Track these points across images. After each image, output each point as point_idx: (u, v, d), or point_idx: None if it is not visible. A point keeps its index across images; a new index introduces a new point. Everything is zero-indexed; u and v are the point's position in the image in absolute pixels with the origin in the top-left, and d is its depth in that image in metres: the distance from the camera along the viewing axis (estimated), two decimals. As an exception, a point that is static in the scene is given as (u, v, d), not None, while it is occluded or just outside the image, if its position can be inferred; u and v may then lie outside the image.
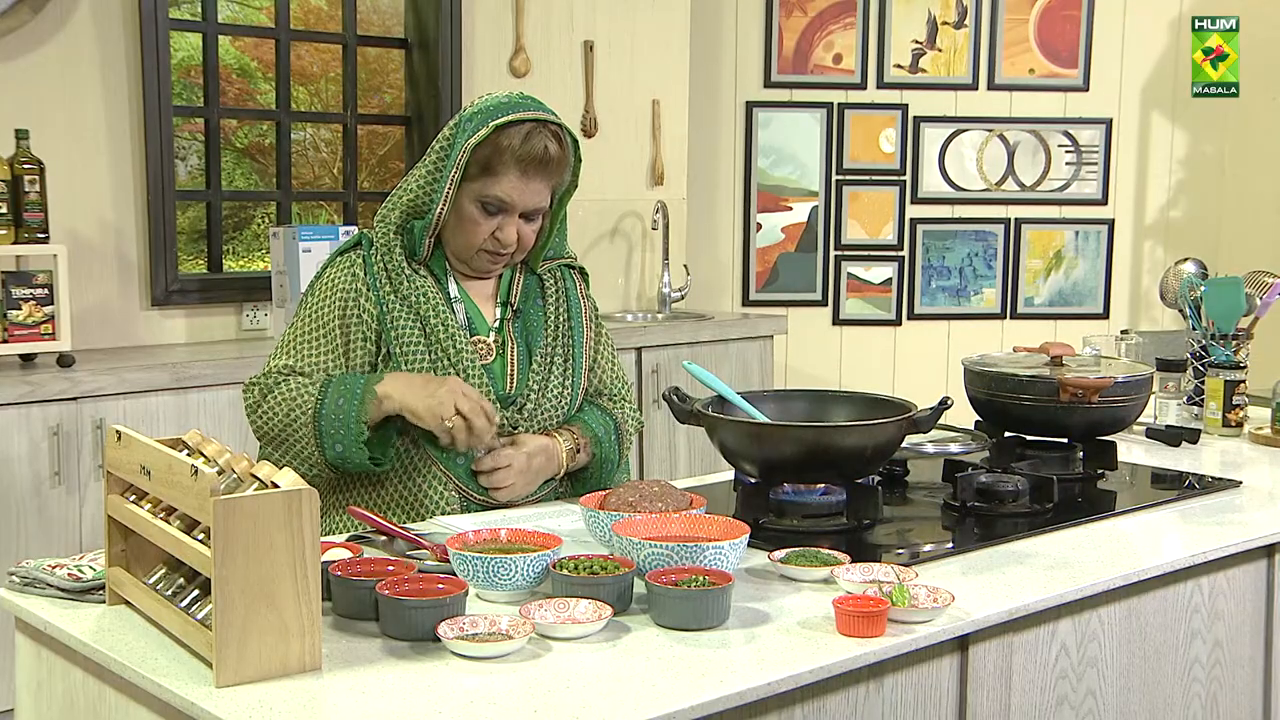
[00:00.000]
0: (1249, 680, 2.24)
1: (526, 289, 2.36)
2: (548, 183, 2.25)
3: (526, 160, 2.18)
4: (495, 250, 2.24)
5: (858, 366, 5.59)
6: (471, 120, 2.20)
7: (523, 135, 2.18)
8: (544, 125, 2.21)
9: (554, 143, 2.21)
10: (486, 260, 2.26)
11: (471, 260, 2.27)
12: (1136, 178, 5.69)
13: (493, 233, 2.22)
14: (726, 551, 1.73)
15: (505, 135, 2.17)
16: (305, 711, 1.39)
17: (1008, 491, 2.21)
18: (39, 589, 1.76)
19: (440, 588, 1.62)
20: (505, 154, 2.17)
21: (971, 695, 1.77)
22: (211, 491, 1.44)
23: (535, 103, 2.24)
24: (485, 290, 2.33)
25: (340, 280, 2.24)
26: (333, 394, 2.11)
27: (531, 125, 2.19)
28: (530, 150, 2.18)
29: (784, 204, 5.54)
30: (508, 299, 2.34)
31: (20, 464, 3.37)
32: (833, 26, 5.48)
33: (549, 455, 2.25)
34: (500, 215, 2.22)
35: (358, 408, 2.09)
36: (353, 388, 2.12)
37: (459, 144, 2.19)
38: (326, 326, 2.22)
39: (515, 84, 4.79)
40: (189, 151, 5.58)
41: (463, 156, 2.17)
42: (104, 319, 3.97)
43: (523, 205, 2.22)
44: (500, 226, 2.22)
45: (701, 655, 1.55)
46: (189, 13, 4.77)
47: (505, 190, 2.19)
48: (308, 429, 2.11)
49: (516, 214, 2.23)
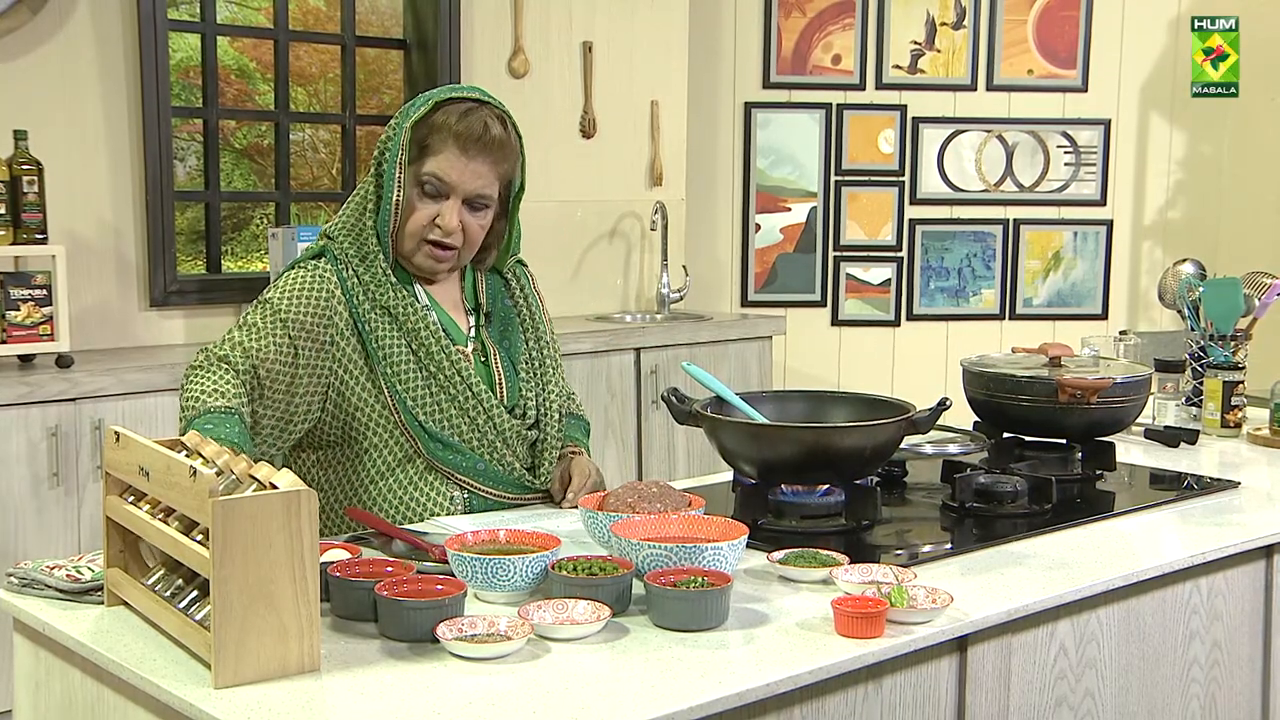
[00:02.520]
0: (1247, 681, 2.24)
1: (492, 290, 2.31)
2: (492, 167, 2.16)
3: (465, 136, 2.12)
4: (438, 241, 2.16)
5: (856, 367, 5.59)
6: (414, 105, 2.16)
7: (461, 112, 2.13)
8: (485, 105, 2.16)
9: (496, 124, 2.15)
10: (429, 255, 2.17)
11: (415, 255, 2.18)
12: (1135, 178, 5.69)
13: (433, 219, 2.15)
14: (725, 552, 1.73)
15: (443, 112, 2.13)
16: (304, 712, 1.39)
17: (1006, 492, 2.21)
18: (37, 590, 1.76)
19: (439, 589, 1.62)
20: (442, 130, 2.12)
21: (970, 696, 1.77)
22: (210, 492, 1.44)
23: (479, 90, 2.20)
24: (453, 297, 2.27)
25: (308, 283, 2.12)
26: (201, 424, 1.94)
27: (471, 104, 2.15)
28: (468, 126, 2.12)
29: (783, 205, 5.54)
30: (477, 304, 2.29)
31: (19, 465, 3.37)
32: (831, 27, 5.48)
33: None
34: (441, 200, 2.15)
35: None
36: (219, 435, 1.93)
37: (398, 127, 2.14)
38: (282, 320, 2.08)
39: (514, 85, 4.79)
40: (188, 152, 5.57)
41: (405, 136, 2.12)
42: (102, 320, 3.97)
43: (464, 187, 2.14)
44: (440, 212, 2.14)
45: (700, 656, 1.55)
46: (188, 13, 4.77)
47: (442, 167, 2.13)
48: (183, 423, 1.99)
49: (459, 199, 2.15)
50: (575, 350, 4.34)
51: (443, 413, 2.15)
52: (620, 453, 4.53)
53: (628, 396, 4.53)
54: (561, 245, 4.99)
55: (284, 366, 2.08)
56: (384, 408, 2.14)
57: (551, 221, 4.91)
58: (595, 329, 4.57)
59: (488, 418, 2.18)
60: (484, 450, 2.18)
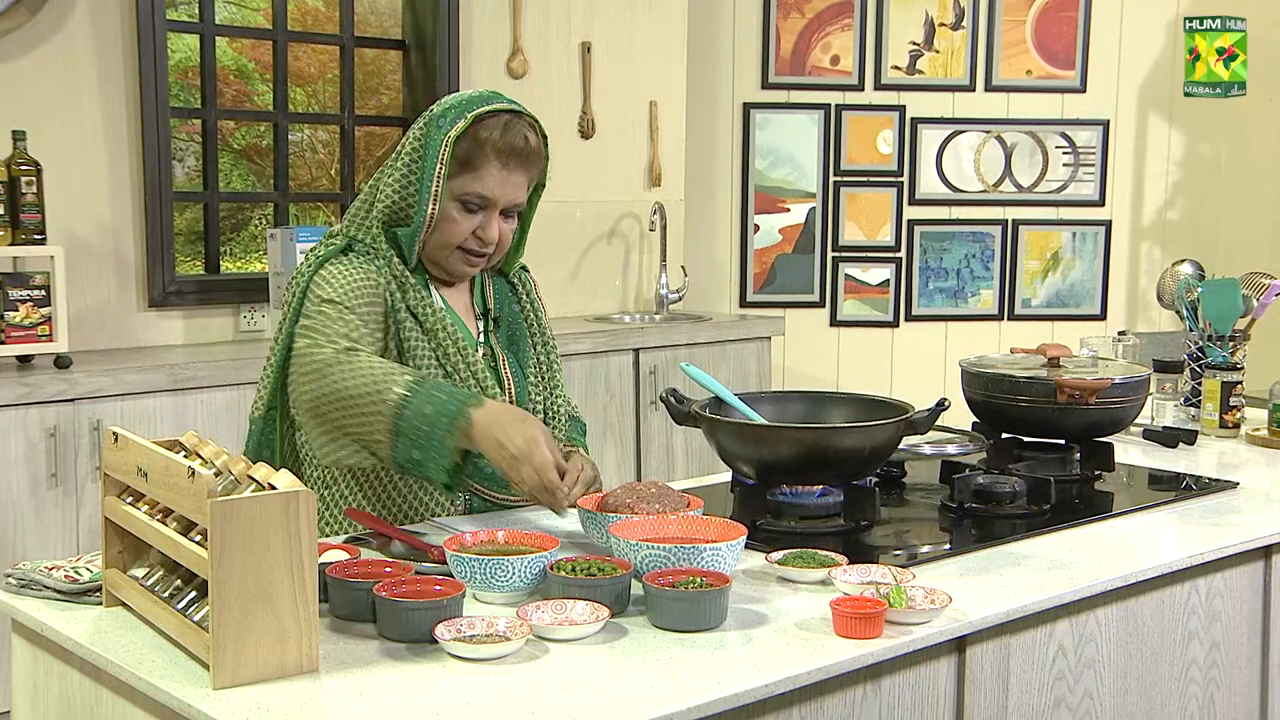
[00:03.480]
0: (1246, 681, 2.25)
1: (499, 295, 2.32)
2: (526, 176, 2.18)
3: (507, 152, 2.13)
4: (475, 250, 2.18)
5: (855, 368, 5.59)
6: (445, 116, 2.14)
7: (502, 126, 2.13)
8: (519, 116, 2.16)
9: (532, 134, 2.17)
10: (463, 261, 2.19)
11: (447, 261, 2.19)
12: (1134, 179, 5.69)
13: (473, 231, 2.16)
14: (724, 553, 1.73)
15: (484, 127, 2.12)
16: (302, 713, 1.39)
17: (1005, 493, 2.21)
18: (35, 590, 1.76)
19: (437, 589, 1.62)
20: (486, 146, 2.12)
21: (969, 696, 1.77)
22: (208, 493, 1.44)
23: (504, 97, 2.19)
24: (463, 301, 2.27)
25: (358, 274, 2.11)
26: (420, 398, 1.94)
27: (509, 116, 2.15)
28: (511, 141, 2.13)
29: (781, 205, 5.54)
30: (485, 309, 2.29)
31: (17, 465, 3.37)
32: (830, 28, 5.49)
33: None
34: (481, 213, 2.16)
35: (445, 425, 1.92)
36: (445, 403, 1.94)
37: (434, 140, 2.12)
38: (366, 310, 2.09)
39: (513, 85, 4.80)
40: (186, 153, 5.57)
41: (445, 151, 2.11)
42: (101, 320, 3.97)
43: (504, 200, 2.16)
44: (481, 225, 2.16)
45: (699, 657, 1.55)
46: (186, 14, 4.77)
47: (488, 186, 2.14)
48: (385, 417, 1.96)
49: (497, 210, 2.17)
50: (574, 351, 4.34)
51: None
52: (619, 453, 4.53)
53: (626, 397, 4.54)
54: (560, 246, 4.99)
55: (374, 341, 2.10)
56: None
57: (550, 222, 4.91)
58: (594, 329, 4.57)
59: None
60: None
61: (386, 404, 1.95)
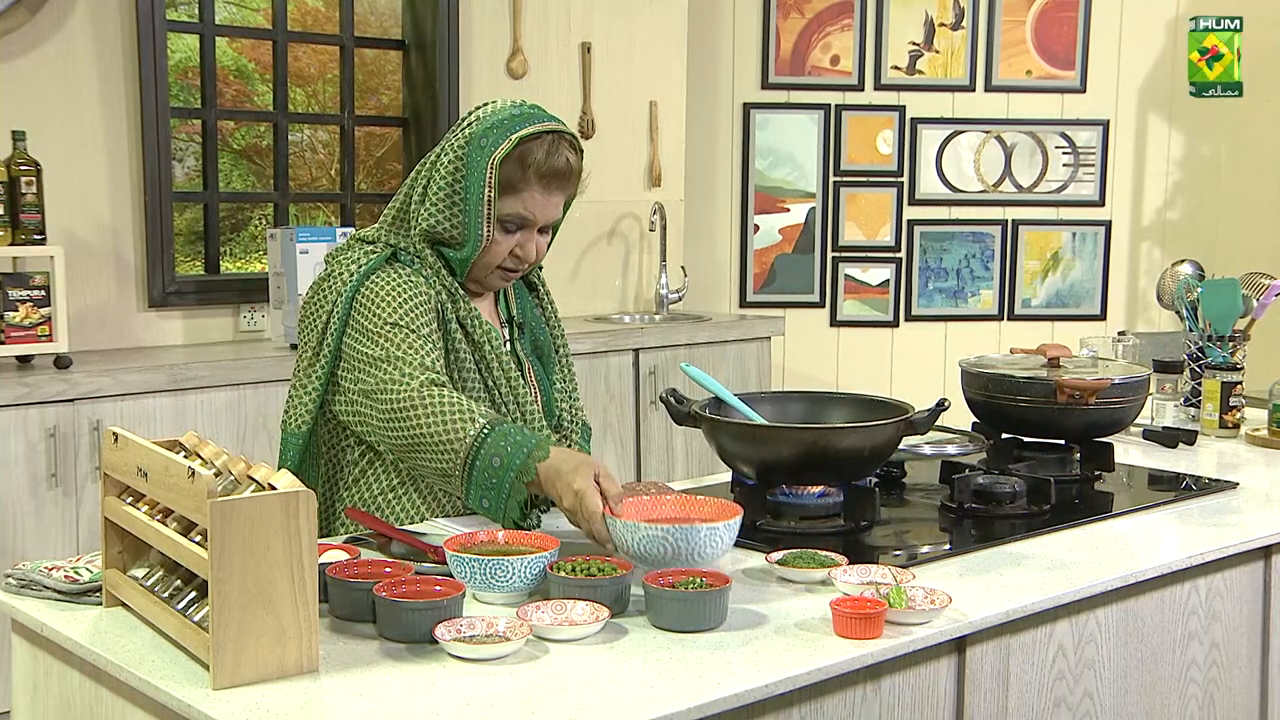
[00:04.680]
0: (1246, 682, 2.25)
1: (520, 299, 2.33)
2: (565, 195, 2.19)
3: (550, 175, 2.12)
4: (514, 267, 2.18)
5: (855, 368, 5.59)
6: (486, 136, 2.10)
7: (545, 149, 2.11)
8: (561, 136, 2.15)
9: (573, 154, 2.16)
10: (500, 277, 2.20)
11: (487, 279, 2.19)
12: (1134, 179, 5.69)
13: (512, 250, 2.16)
14: (721, 532, 1.73)
15: (529, 151, 2.10)
16: (302, 713, 1.39)
17: (1005, 493, 2.21)
18: (35, 591, 1.76)
19: (438, 589, 1.62)
20: (529, 170, 2.10)
21: (969, 697, 1.77)
22: (208, 493, 1.44)
23: (543, 111, 2.18)
24: (489, 309, 2.27)
25: (409, 285, 2.08)
26: (489, 448, 1.92)
27: (552, 137, 2.13)
28: (554, 165, 2.12)
29: (781, 205, 5.54)
30: (510, 315, 2.30)
31: (17, 466, 3.37)
32: (830, 28, 5.49)
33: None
34: (520, 232, 2.16)
35: (513, 480, 1.91)
36: (512, 456, 1.92)
37: (477, 162, 2.09)
38: (428, 326, 2.06)
39: (513, 85, 4.80)
40: (186, 153, 5.57)
41: (491, 175, 2.09)
42: (101, 320, 3.97)
43: (544, 220, 2.16)
44: (520, 243, 2.16)
45: (698, 657, 1.55)
46: (186, 14, 4.77)
47: (529, 209, 2.13)
48: (457, 465, 1.94)
49: (536, 229, 2.17)
50: (574, 351, 4.32)
51: None
52: (619, 453, 4.53)
53: (626, 397, 4.54)
54: (560, 246, 4.98)
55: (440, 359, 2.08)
56: None
57: (550, 222, 4.91)
58: (594, 329, 4.57)
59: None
60: None
61: (458, 453, 1.93)
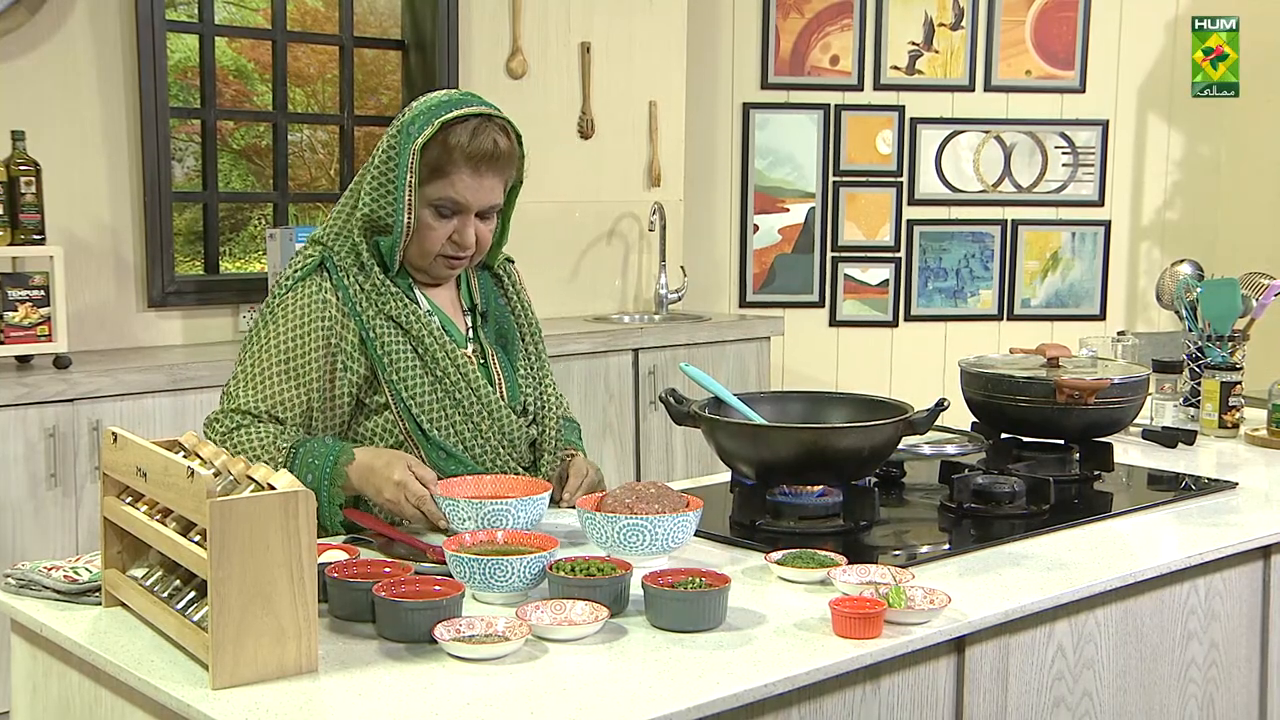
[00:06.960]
0: (1245, 681, 2.25)
1: (484, 288, 2.33)
2: (500, 178, 2.18)
3: (477, 157, 2.13)
4: (454, 254, 2.19)
5: (854, 368, 5.59)
6: (414, 122, 2.13)
7: (470, 131, 2.12)
8: (489, 119, 2.15)
9: (503, 136, 2.16)
10: (444, 265, 2.20)
11: (430, 267, 2.20)
12: (1133, 179, 5.69)
13: (450, 236, 2.17)
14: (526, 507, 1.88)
15: (453, 133, 2.12)
16: (301, 713, 1.39)
17: (1004, 493, 2.21)
18: (35, 591, 1.76)
19: (437, 589, 1.62)
20: (455, 152, 2.12)
21: (968, 697, 1.77)
22: (208, 493, 1.44)
23: (476, 98, 2.18)
24: (449, 298, 2.28)
25: (314, 308, 2.11)
26: (299, 469, 2.02)
27: (478, 120, 2.14)
28: (479, 146, 2.12)
29: (781, 205, 5.54)
30: (473, 304, 2.30)
31: (17, 466, 3.36)
32: (829, 28, 5.48)
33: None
34: (456, 217, 2.16)
35: (328, 488, 2.01)
36: (321, 466, 2.02)
37: (404, 148, 2.12)
38: (306, 358, 2.09)
39: (512, 85, 4.80)
40: (186, 153, 5.58)
41: (413, 159, 2.11)
42: (100, 320, 3.97)
43: (478, 204, 2.16)
44: (458, 229, 2.17)
45: (698, 657, 1.55)
46: (186, 14, 4.77)
47: (459, 191, 2.14)
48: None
49: (472, 214, 2.17)
50: (573, 351, 4.34)
51: (447, 420, 2.16)
52: (618, 453, 4.53)
53: (626, 397, 4.53)
54: (559, 246, 4.99)
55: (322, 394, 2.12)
56: (389, 419, 2.15)
57: (549, 222, 4.91)
58: (593, 330, 4.57)
59: (492, 420, 2.19)
60: (487, 458, 2.19)
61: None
